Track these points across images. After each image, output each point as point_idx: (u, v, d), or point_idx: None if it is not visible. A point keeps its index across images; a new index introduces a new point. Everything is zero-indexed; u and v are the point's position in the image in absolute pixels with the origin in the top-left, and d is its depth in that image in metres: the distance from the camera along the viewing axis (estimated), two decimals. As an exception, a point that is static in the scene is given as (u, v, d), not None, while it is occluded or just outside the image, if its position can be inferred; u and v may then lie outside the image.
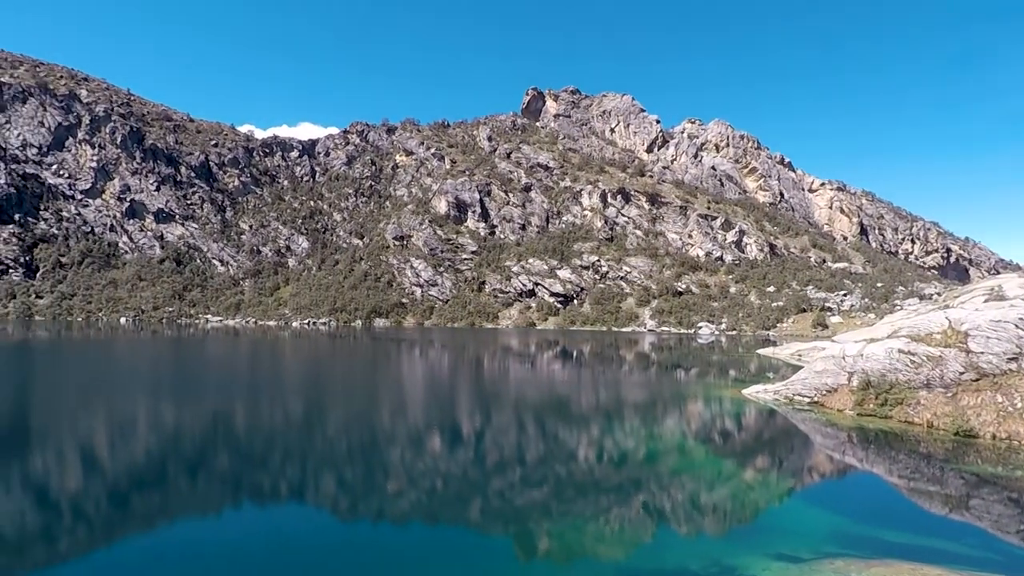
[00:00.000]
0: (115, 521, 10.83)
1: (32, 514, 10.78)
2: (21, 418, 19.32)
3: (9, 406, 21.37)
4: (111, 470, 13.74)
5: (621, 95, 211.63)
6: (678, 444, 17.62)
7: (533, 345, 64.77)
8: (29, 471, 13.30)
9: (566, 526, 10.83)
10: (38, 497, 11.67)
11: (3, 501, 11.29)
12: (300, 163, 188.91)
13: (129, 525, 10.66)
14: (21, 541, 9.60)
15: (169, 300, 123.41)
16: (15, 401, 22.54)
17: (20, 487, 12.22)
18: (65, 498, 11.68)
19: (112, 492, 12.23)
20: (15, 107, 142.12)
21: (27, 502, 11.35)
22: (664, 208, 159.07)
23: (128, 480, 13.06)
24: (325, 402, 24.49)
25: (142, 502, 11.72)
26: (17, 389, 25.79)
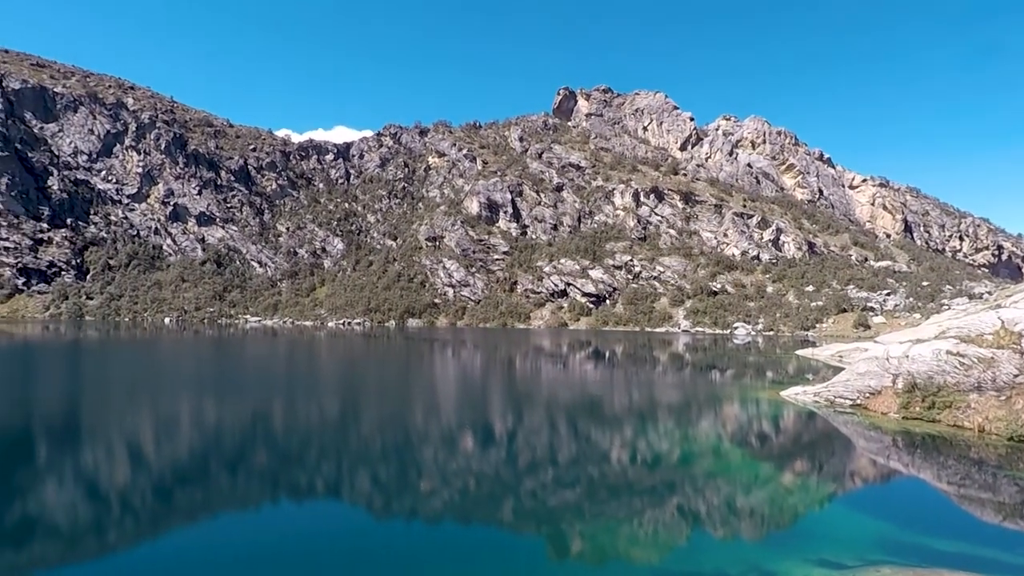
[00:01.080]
0: (159, 514, 11.20)
1: (80, 506, 11.23)
2: (74, 415, 20.17)
3: (63, 403, 22.35)
4: (156, 465, 14.22)
5: (654, 93, 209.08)
6: (713, 446, 17.29)
7: (565, 345, 64.52)
8: (80, 464, 13.86)
9: (599, 527, 10.74)
10: (87, 489, 12.15)
11: (55, 493, 11.80)
12: (335, 166, 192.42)
13: (172, 519, 11.02)
14: (71, 532, 10.00)
15: (210, 301, 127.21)
16: (69, 399, 23.56)
17: (72, 480, 12.75)
18: (112, 491, 12.13)
19: (156, 486, 12.66)
20: (67, 116, 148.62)
21: (76, 494, 11.83)
22: (698, 207, 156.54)
23: (171, 475, 13.50)
24: (360, 401, 24.86)
25: (185, 496, 12.09)
26: (71, 387, 26.96)
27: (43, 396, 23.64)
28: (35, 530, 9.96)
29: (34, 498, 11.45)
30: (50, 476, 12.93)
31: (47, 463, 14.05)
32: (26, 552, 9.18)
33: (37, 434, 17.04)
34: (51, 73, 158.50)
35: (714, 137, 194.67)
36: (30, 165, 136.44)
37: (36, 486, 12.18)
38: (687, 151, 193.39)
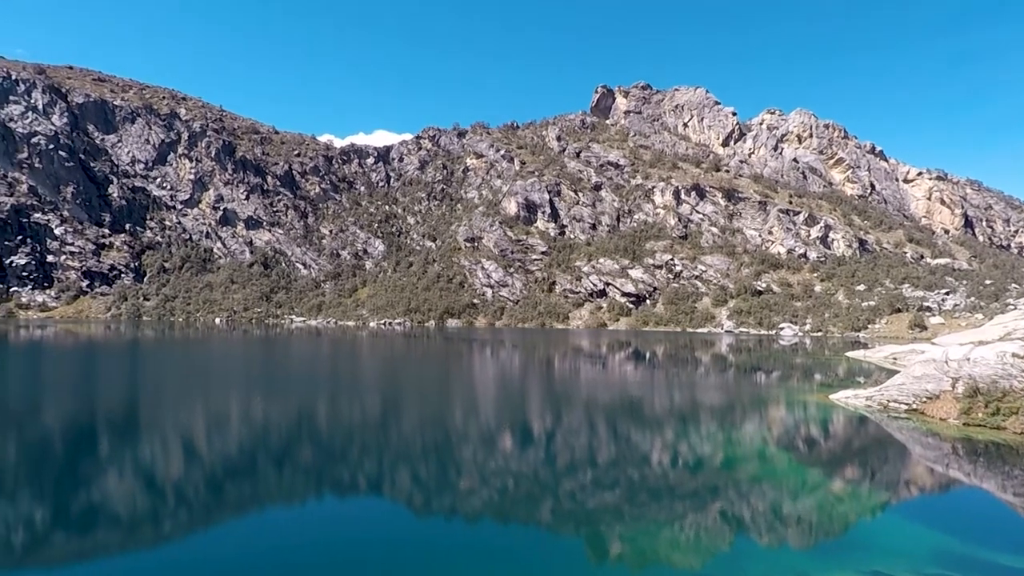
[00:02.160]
0: (208, 506, 11.60)
1: (135, 496, 11.73)
2: (134, 410, 21.13)
3: (125, 399, 23.45)
4: (207, 458, 14.75)
5: (694, 88, 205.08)
6: (758, 450, 16.80)
7: (604, 346, 63.92)
8: (138, 457, 14.49)
9: (639, 530, 10.56)
10: (143, 480, 12.68)
11: (111, 482, 12.36)
12: (376, 169, 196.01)
13: (220, 510, 11.39)
14: (127, 519, 10.45)
15: (257, 301, 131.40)
16: (130, 395, 24.70)
17: (130, 470, 13.33)
18: (166, 482, 12.63)
19: (207, 479, 13.13)
20: (126, 127, 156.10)
21: (132, 484, 12.36)
22: (741, 204, 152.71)
23: (221, 468, 13.97)
24: (401, 400, 25.20)
25: (234, 489, 12.49)
26: (132, 384, 28.26)
27: (107, 393, 24.86)
28: (95, 517, 10.45)
29: (96, 487, 12.02)
30: (110, 466, 13.57)
31: (108, 454, 14.76)
32: (87, 538, 9.65)
33: (100, 428, 17.91)
34: (111, 87, 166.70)
35: (758, 132, 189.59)
36: (92, 174, 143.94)
37: (97, 476, 12.79)
38: (729, 147, 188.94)
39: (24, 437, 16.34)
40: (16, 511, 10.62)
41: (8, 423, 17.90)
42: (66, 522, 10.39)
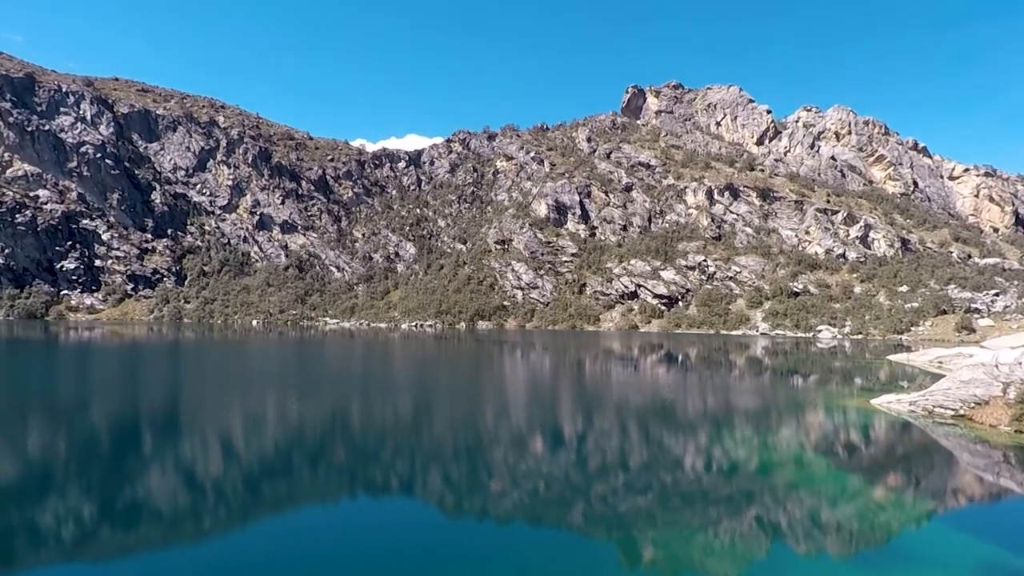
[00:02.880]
0: (245, 504, 11.89)
1: (173, 493, 12.10)
2: (175, 409, 21.84)
3: (166, 399, 24.25)
4: (244, 456, 15.15)
5: (727, 86, 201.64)
6: (795, 456, 16.39)
7: (636, 348, 63.29)
8: (178, 455, 14.96)
9: (672, 536, 10.42)
10: (182, 478, 13.09)
11: (152, 479, 12.79)
12: (407, 173, 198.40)
13: (254, 509, 11.66)
14: (166, 515, 10.80)
15: (293, 304, 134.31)
16: (172, 394, 25.54)
17: (171, 468, 13.77)
18: (205, 479, 13.01)
19: (243, 477, 13.47)
20: (167, 135, 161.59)
21: (171, 481, 12.77)
22: (777, 203, 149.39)
23: (257, 466, 14.32)
24: (432, 401, 25.42)
25: (269, 487, 12.78)
26: (174, 384, 29.21)
27: (151, 393, 25.75)
28: (137, 512, 10.83)
29: (138, 484, 12.46)
30: (152, 464, 14.05)
31: (151, 452, 15.28)
32: (128, 532, 10.00)
33: (144, 427, 18.55)
34: (153, 97, 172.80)
35: (793, 130, 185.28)
36: (136, 181, 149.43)
37: (139, 472, 13.25)
38: (764, 145, 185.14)
39: (74, 434, 17.04)
40: (65, 505, 11.08)
41: (60, 421, 18.69)
42: (110, 516, 10.79)
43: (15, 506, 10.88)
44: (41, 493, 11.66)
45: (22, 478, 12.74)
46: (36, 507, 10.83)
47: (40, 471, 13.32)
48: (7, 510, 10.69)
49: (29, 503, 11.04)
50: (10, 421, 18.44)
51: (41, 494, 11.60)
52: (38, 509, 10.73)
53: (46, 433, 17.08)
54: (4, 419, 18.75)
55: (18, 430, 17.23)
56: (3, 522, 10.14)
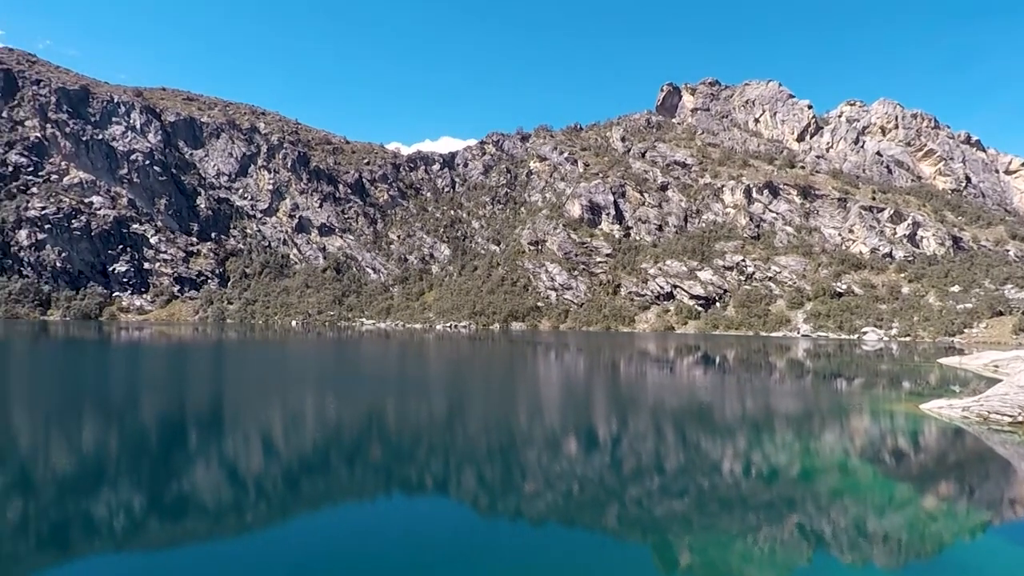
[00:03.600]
0: (284, 500, 12.15)
1: (216, 486, 12.45)
2: (218, 406, 22.51)
3: (211, 397, 25.03)
4: (283, 454, 15.50)
5: (766, 82, 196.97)
6: (839, 462, 15.83)
7: (672, 349, 62.32)
8: (221, 451, 15.41)
9: (709, 541, 10.18)
10: (224, 472, 13.46)
11: (197, 473, 13.19)
12: (441, 175, 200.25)
13: (292, 505, 11.90)
14: (204, 509, 11.11)
15: (330, 305, 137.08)
16: (215, 393, 26.35)
17: (215, 463, 14.18)
18: (243, 475, 13.35)
19: (282, 474, 13.77)
20: (211, 142, 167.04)
21: (212, 476, 13.14)
22: (819, 201, 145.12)
23: (296, 464, 14.62)
24: (467, 402, 25.53)
25: (307, 484, 13.03)
26: (218, 382, 30.14)
27: (196, 391, 26.63)
28: (182, 505, 11.18)
29: (183, 477, 12.87)
30: (197, 459, 14.50)
31: (195, 448, 15.77)
32: (173, 524, 10.34)
33: (189, 423, 19.17)
34: (198, 105, 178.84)
35: (836, 125, 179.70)
36: (182, 187, 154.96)
37: (184, 467, 13.69)
38: (805, 142, 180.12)
39: (125, 429, 17.73)
40: (116, 496, 11.52)
41: (113, 417, 19.48)
42: (159, 508, 11.17)
43: (72, 496, 11.38)
44: (95, 485, 12.17)
45: (78, 470, 13.31)
46: (91, 498, 11.30)
47: (94, 464, 13.90)
48: (64, 500, 11.18)
49: (84, 494, 11.53)
50: (69, 417, 19.32)
51: (95, 486, 12.10)
52: (93, 500, 11.19)
53: (101, 428, 17.82)
54: (63, 415, 19.65)
55: (75, 425, 18.03)
56: (60, 512, 10.61)
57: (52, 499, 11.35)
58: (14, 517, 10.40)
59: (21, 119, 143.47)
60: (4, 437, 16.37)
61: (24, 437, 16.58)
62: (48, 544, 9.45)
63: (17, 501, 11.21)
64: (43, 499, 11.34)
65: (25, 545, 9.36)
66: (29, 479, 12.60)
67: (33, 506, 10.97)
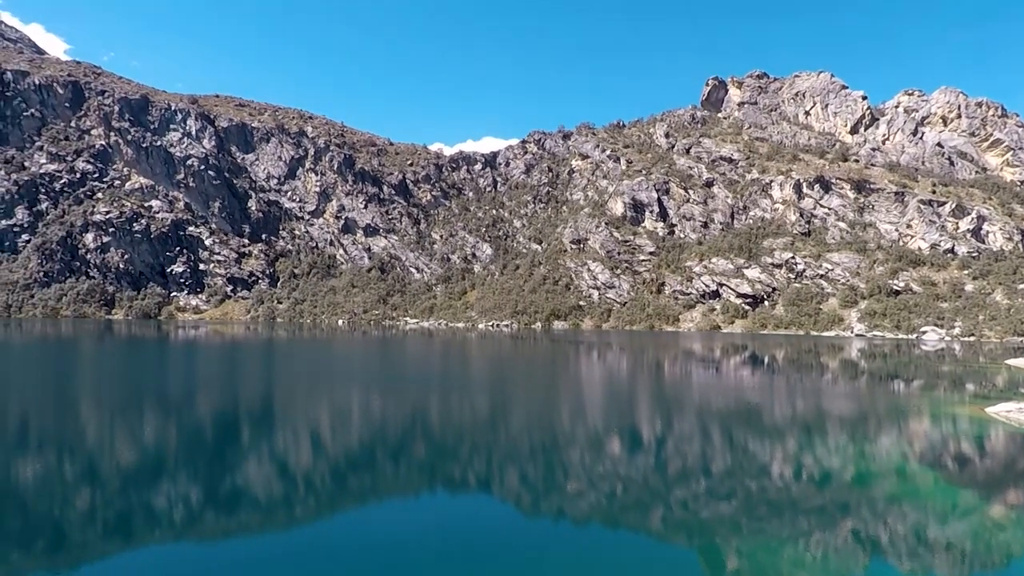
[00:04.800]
0: (332, 494, 12.49)
1: (266, 480, 12.89)
2: (269, 402, 23.32)
3: (262, 392, 25.93)
4: (330, 449, 15.92)
5: (817, 73, 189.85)
6: (896, 467, 15.17)
7: (718, 349, 60.94)
8: (270, 445, 15.94)
9: (758, 545, 9.93)
10: (273, 467, 13.92)
11: (246, 467, 13.69)
12: (483, 175, 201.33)
13: (337, 500, 12.22)
14: (256, 502, 11.51)
15: (375, 304, 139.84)
16: (267, 389, 27.29)
17: (266, 457, 14.69)
18: (292, 470, 13.77)
19: (329, 469, 14.16)
20: (262, 146, 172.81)
21: (261, 470, 13.60)
22: (874, 195, 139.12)
23: (343, 459, 15.00)
24: (509, 400, 25.63)
25: (354, 479, 13.36)
26: (269, 379, 31.21)
27: (249, 387, 27.65)
28: (235, 498, 11.63)
29: (236, 470, 13.39)
30: (249, 453, 15.06)
31: (247, 442, 16.38)
32: (230, 516, 10.76)
33: (241, 417, 19.92)
34: (249, 111, 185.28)
35: (893, 116, 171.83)
36: (235, 190, 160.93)
37: (235, 460, 14.24)
38: (859, 134, 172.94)
39: (183, 423, 18.57)
40: (173, 487, 12.09)
41: (171, 411, 20.44)
42: (213, 500, 11.65)
43: (133, 487, 12.00)
44: (154, 475, 12.79)
45: (138, 463, 14.02)
46: (149, 488, 11.89)
47: (154, 456, 14.62)
48: (127, 491, 11.80)
49: (143, 485, 12.14)
50: (133, 410, 20.37)
51: (154, 476, 12.73)
52: (150, 490, 11.78)
53: (161, 422, 18.72)
54: (129, 409, 20.73)
55: (138, 419, 18.99)
56: (123, 502, 11.21)
57: (115, 489, 12.00)
58: (81, 505, 11.05)
59: (87, 128, 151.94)
60: (74, 429, 17.40)
61: (91, 429, 17.58)
62: (110, 531, 10.00)
63: (83, 490, 11.91)
64: (105, 488, 12.00)
65: (86, 532, 9.93)
66: (94, 469, 13.35)
67: (98, 495, 11.63)
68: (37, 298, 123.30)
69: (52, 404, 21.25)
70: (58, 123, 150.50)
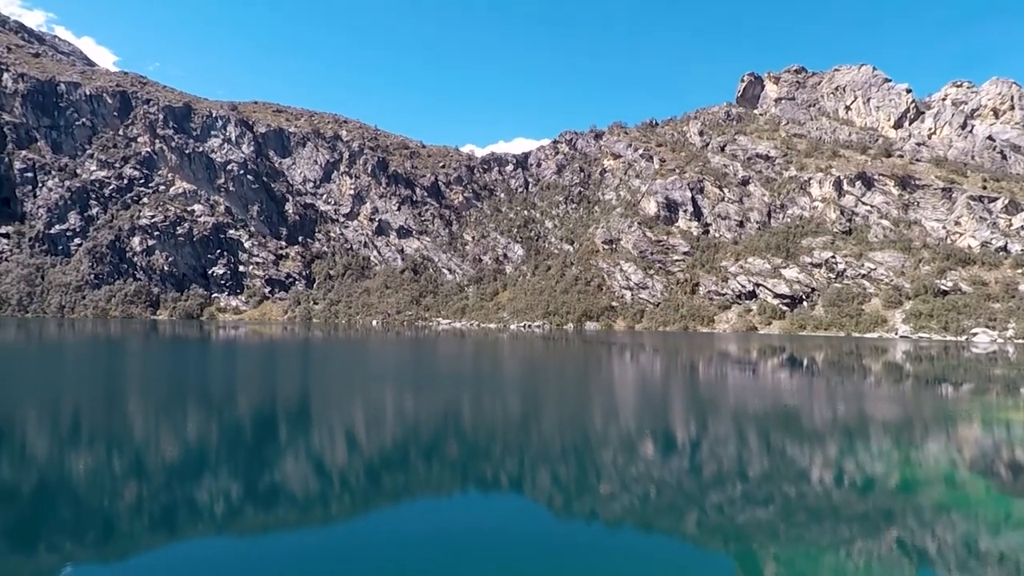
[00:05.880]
0: (366, 493, 12.65)
1: (303, 478, 13.13)
2: (305, 400, 23.80)
3: (299, 391, 26.50)
4: (364, 448, 16.14)
5: (858, 66, 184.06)
6: (944, 474, 14.56)
7: (755, 351, 59.62)
8: (307, 442, 16.26)
9: (797, 553, 9.65)
10: (309, 464, 14.17)
11: (283, 465, 13.97)
12: (514, 176, 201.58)
13: (372, 496, 12.37)
14: (292, 499, 11.73)
15: (408, 305, 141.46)
16: (304, 387, 27.88)
17: (302, 455, 14.98)
18: (327, 468, 14.01)
19: (364, 467, 14.34)
20: (298, 151, 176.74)
21: (297, 468, 13.86)
22: (919, 192, 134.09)
23: (374, 456, 15.18)
24: (541, 400, 25.57)
25: (388, 478, 13.50)
26: (306, 378, 31.88)
27: (287, 385, 28.28)
28: (272, 494, 11.89)
29: (273, 468, 13.69)
30: (284, 450, 15.38)
31: (285, 439, 16.73)
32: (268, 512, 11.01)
33: (279, 415, 20.38)
34: (286, 116, 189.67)
35: (940, 109, 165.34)
36: (272, 194, 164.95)
37: (272, 457, 14.56)
38: (903, 128, 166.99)
39: (224, 420, 19.10)
40: (212, 482, 12.43)
41: (212, 408, 21.05)
42: (252, 496, 11.93)
43: (175, 481, 12.40)
44: (195, 470, 13.19)
45: (182, 457, 14.47)
46: (191, 483, 12.26)
47: (196, 450, 15.07)
48: (170, 484, 12.20)
49: (185, 479, 12.53)
50: (178, 407, 21.06)
51: (195, 471, 13.12)
52: (193, 485, 12.14)
53: (203, 418, 19.30)
54: (174, 405, 21.44)
55: (180, 415, 19.62)
56: (166, 495, 11.58)
57: (159, 482, 12.41)
58: (127, 497, 11.46)
59: (134, 136, 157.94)
60: (121, 424, 18.07)
61: (138, 425, 18.23)
62: (155, 523, 10.33)
63: (129, 483, 12.35)
64: (150, 481, 12.42)
65: (132, 523, 10.28)
66: (140, 462, 13.83)
67: (144, 487, 12.05)
68: (88, 299, 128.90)
69: (104, 400, 22.14)
70: (107, 131, 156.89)
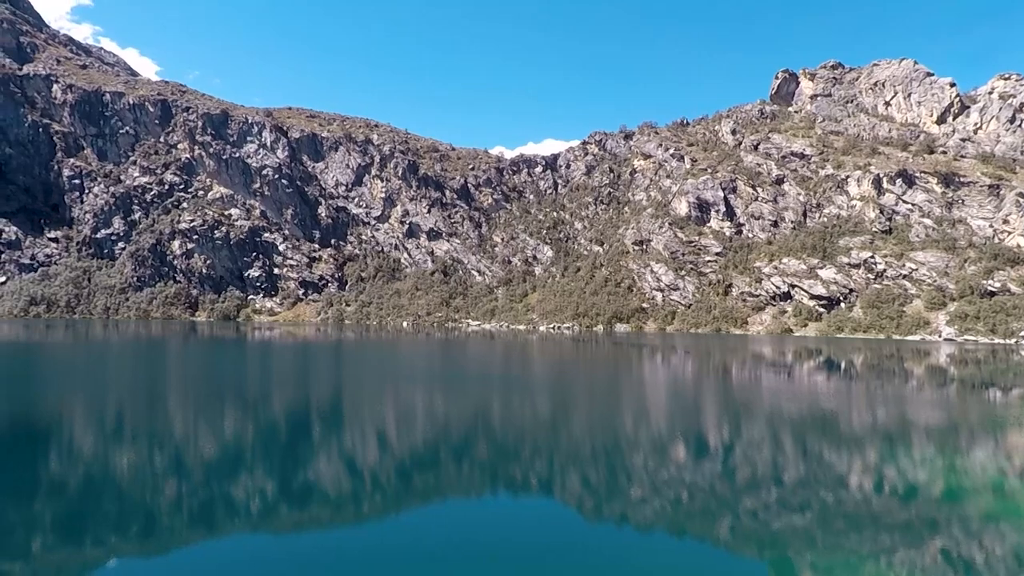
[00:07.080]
0: (397, 491, 12.82)
1: (336, 476, 13.37)
2: (338, 399, 24.22)
3: (333, 390, 26.99)
4: (396, 448, 16.34)
5: (898, 60, 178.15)
6: (992, 482, 14.01)
7: (790, 353, 58.28)
8: (340, 441, 16.55)
9: (836, 561, 9.42)
10: (343, 464, 14.42)
11: (316, 463, 14.25)
12: (543, 177, 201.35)
13: (401, 497, 12.52)
14: (326, 497, 11.95)
15: (438, 306, 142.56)
16: (337, 386, 28.39)
17: (335, 454, 15.27)
18: (360, 467, 14.23)
19: (395, 466, 14.52)
20: (331, 155, 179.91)
21: (331, 466, 14.12)
22: (965, 189, 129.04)
23: (405, 457, 15.36)
24: (571, 402, 25.49)
25: (419, 477, 13.65)
26: (337, 378, 32.44)
27: (320, 385, 28.84)
28: (306, 493, 12.15)
29: (308, 466, 13.98)
30: (317, 449, 15.69)
31: (318, 439, 17.07)
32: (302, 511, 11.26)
33: (312, 415, 20.79)
34: (319, 121, 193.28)
35: (986, 103, 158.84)
36: (306, 198, 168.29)
37: (305, 456, 14.87)
38: (947, 124, 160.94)
39: (259, 418, 19.58)
40: (248, 479, 12.75)
41: (249, 406, 21.59)
42: (286, 493, 12.22)
43: (213, 477, 12.77)
44: (232, 467, 13.56)
45: (218, 454, 14.89)
46: (227, 479, 12.61)
47: (232, 448, 15.49)
48: (208, 481, 12.58)
49: (222, 476, 12.89)
50: (216, 405, 21.68)
51: (232, 468, 13.49)
52: (228, 481, 12.49)
53: (239, 416, 19.82)
54: (212, 403, 22.07)
55: (218, 413, 20.18)
56: (205, 491, 11.94)
57: (198, 479, 12.79)
58: (167, 492, 11.85)
59: (175, 143, 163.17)
60: (164, 422, 18.68)
61: (178, 422, 18.81)
62: (194, 518, 10.66)
63: (169, 479, 12.77)
64: (189, 477, 12.82)
65: (172, 518, 10.62)
66: (179, 458, 14.28)
67: (183, 484, 12.44)
68: (131, 301, 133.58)
69: (148, 399, 22.94)
70: (149, 139, 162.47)
